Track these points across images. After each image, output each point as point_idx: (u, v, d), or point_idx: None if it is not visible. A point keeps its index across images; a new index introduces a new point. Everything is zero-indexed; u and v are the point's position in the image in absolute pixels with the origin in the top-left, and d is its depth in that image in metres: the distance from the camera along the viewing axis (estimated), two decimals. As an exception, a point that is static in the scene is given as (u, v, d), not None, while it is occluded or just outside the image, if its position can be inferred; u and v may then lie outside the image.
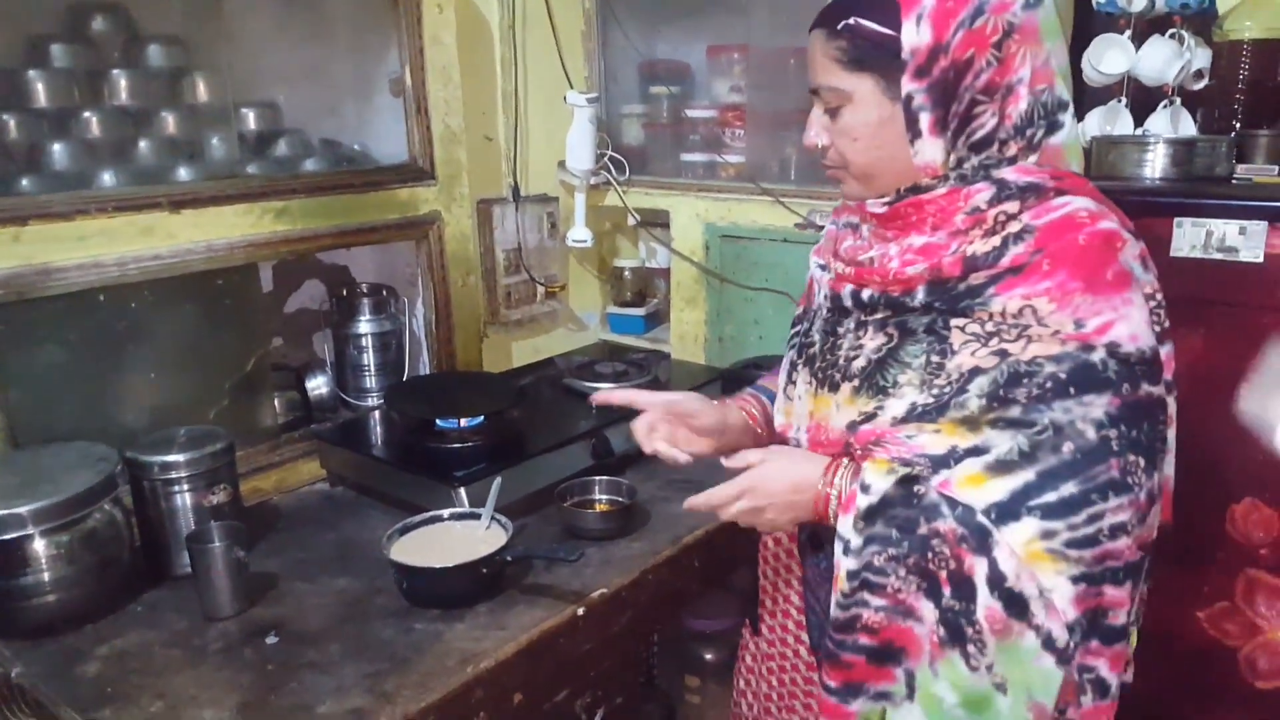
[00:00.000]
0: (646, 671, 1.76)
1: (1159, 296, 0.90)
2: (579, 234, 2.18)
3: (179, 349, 1.53)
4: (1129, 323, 0.84)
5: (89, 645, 1.19)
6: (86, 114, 1.47)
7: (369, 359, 1.83)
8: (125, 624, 1.24)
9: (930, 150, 0.89)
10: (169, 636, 1.21)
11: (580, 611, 1.26)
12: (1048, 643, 0.84)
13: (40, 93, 1.42)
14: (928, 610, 0.87)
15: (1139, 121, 1.61)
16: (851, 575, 0.90)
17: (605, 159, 2.18)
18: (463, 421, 1.59)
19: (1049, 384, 0.84)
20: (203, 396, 1.56)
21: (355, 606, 1.27)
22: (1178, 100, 1.57)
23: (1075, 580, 0.83)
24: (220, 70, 1.61)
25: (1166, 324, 0.90)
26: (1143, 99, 1.61)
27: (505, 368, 2.12)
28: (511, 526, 1.32)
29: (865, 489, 0.89)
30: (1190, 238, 1.28)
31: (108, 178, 1.44)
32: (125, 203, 1.40)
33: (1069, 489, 0.83)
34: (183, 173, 1.53)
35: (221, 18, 1.62)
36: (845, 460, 0.94)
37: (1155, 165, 1.43)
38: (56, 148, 1.43)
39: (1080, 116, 1.63)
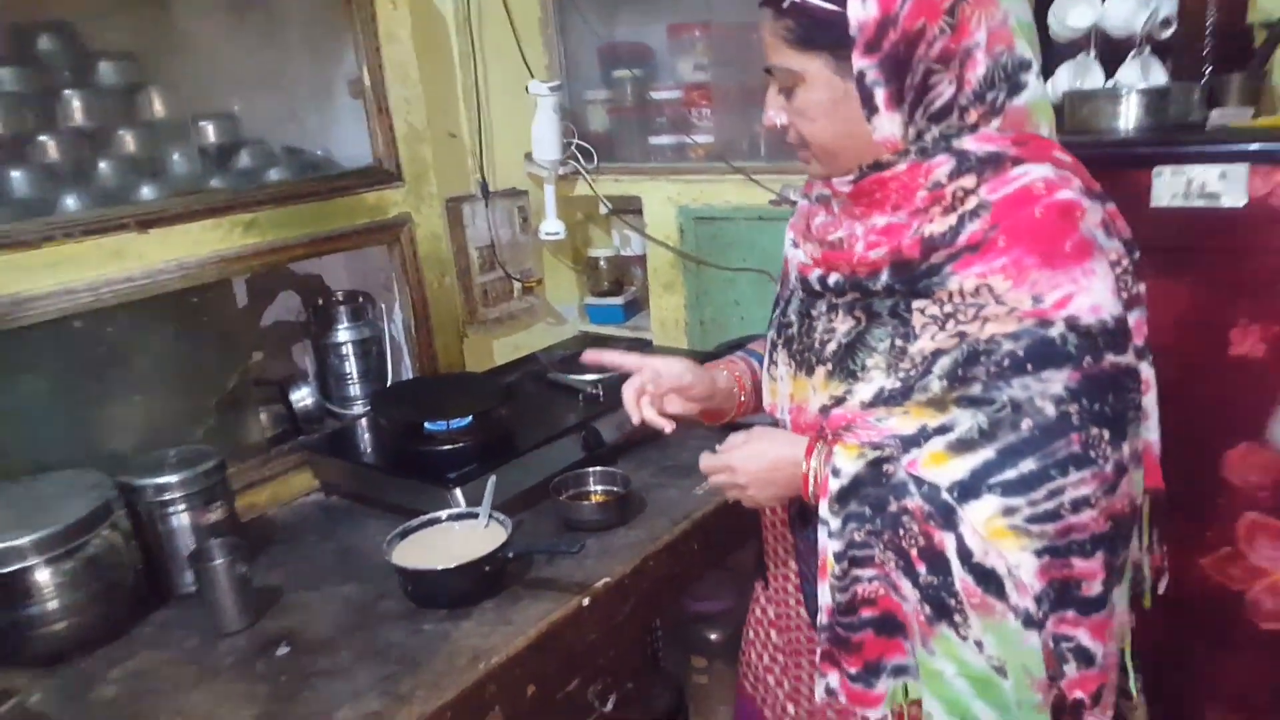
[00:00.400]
0: (653, 656, 1.78)
1: (1125, 262, 0.88)
2: (551, 226, 2.17)
3: (160, 370, 1.51)
4: (1090, 294, 0.83)
5: (102, 669, 1.19)
6: (42, 138, 1.44)
7: (351, 367, 1.82)
8: (136, 646, 1.24)
9: (888, 125, 0.87)
10: (180, 655, 1.21)
11: (585, 602, 1.27)
12: (1027, 620, 0.85)
13: (-8, 120, 1.39)
14: (908, 589, 0.89)
15: (1109, 74, 1.60)
16: (839, 556, 0.91)
17: (572, 148, 2.17)
18: (451, 423, 1.59)
19: (1006, 362, 0.84)
20: (189, 416, 1.55)
21: (362, 612, 1.28)
22: (1147, 49, 1.57)
23: (1039, 554, 0.84)
24: (175, 83, 1.58)
25: (1136, 289, 0.89)
26: (1111, 50, 1.61)
27: (488, 367, 2.11)
28: (510, 523, 1.33)
29: (836, 473, 0.91)
30: (1170, 187, 1.28)
31: (71, 201, 1.42)
32: (92, 226, 1.38)
33: (1028, 465, 0.83)
34: (146, 191, 1.50)
35: (172, 29, 1.60)
36: (821, 443, 0.95)
37: (1129, 116, 1.44)
38: (15, 174, 1.40)
39: (1049, 72, 1.64)
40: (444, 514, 1.37)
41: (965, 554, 0.85)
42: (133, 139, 1.53)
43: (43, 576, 1.16)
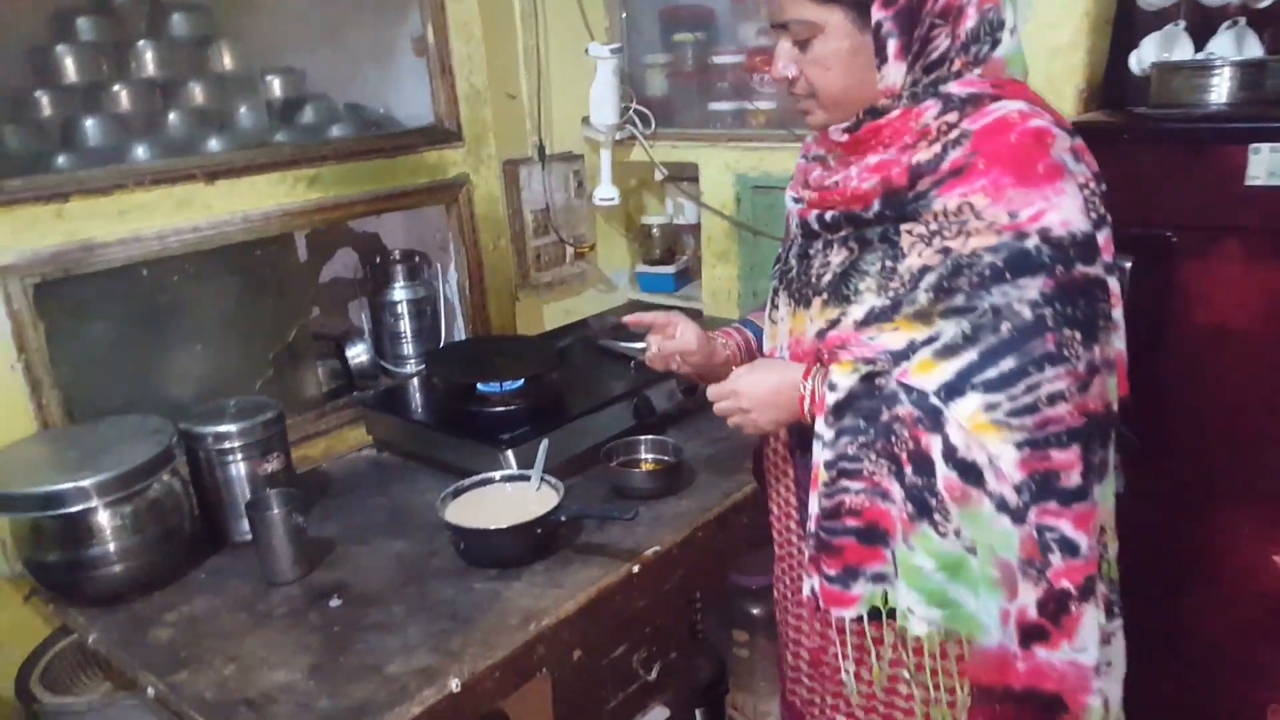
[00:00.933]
0: (694, 627, 1.78)
1: (1093, 185, 0.95)
2: (605, 192, 2.15)
3: (222, 321, 1.54)
4: (1060, 210, 0.90)
5: (158, 612, 1.22)
6: (116, 87, 1.46)
7: (405, 325, 1.83)
8: (191, 590, 1.27)
9: (894, 74, 0.95)
10: (234, 601, 1.23)
11: (635, 570, 1.27)
12: (1001, 505, 0.92)
13: (70, 68, 1.41)
14: (896, 490, 0.95)
15: (1199, 45, 1.54)
16: (829, 465, 0.98)
17: (630, 113, 2.14)
18: (504, 385, 1.60)
19: (987, 272, 0.91)
20: (248, 367, 1.57)
21: (413, 568, 1.29)
22: (1242, 20, 1.50)
23: (1019, 446, 0.91)
24: (244, 37, 1.59)
25: (1104, 212, 0.96)
26: (1201, 21, 1.54)
27: (537, 331, 2.11)
28: (562, 487, 1.33)
29: (832, 388, 0.97)
30: (1269, 164, 1.22)
31: (140, 151, 1.44)
32: (161, 175, 1.40)
33: (1008, 364, 0.91)
34: (213, 143, 1.52)
35: (241, -18, 1.60)
36: (817, 365, 1.02)
37: (1222, 90, 1.37)
38: (89, 123, 1.42)
39: (1134, 43, 1.57)
40: (497, 474, 1.37)
41: (949, 451, 0.92)
42: (201, 91, 1.54)
43: (104, 518, 1.19)
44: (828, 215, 1.02)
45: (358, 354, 1.77)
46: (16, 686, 1.30)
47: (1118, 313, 0.98)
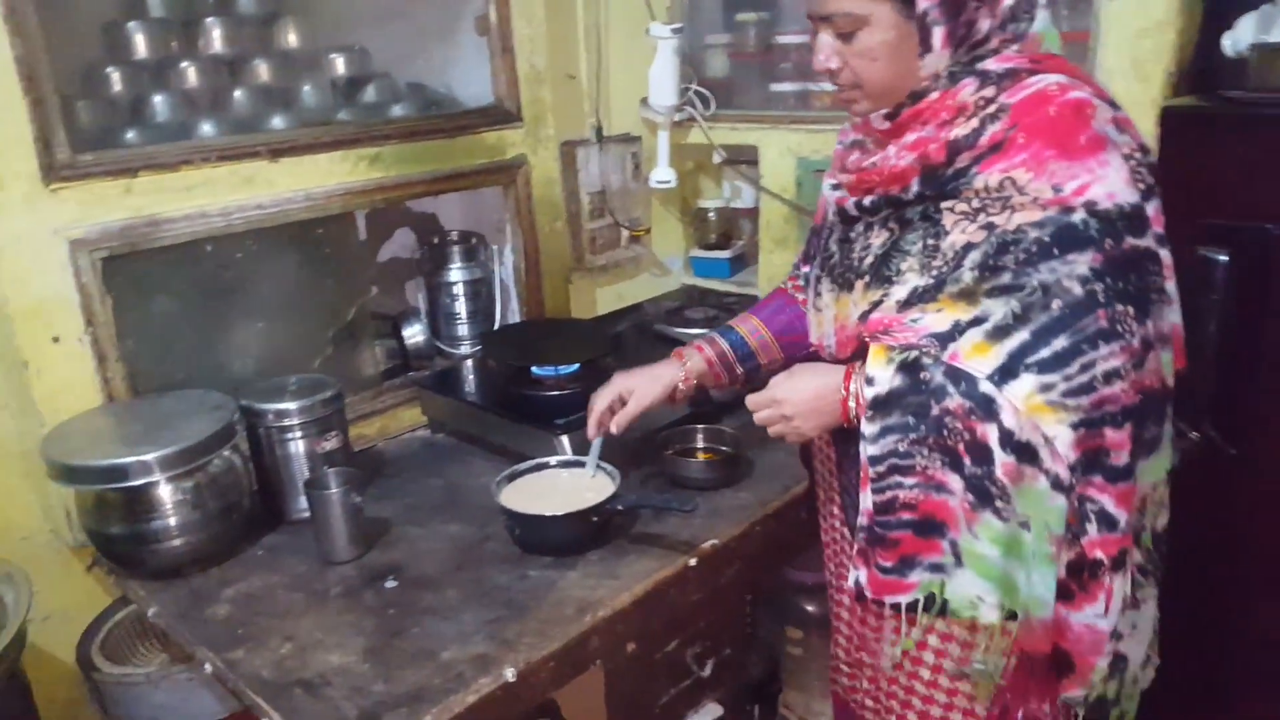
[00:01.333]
0: (748, 623, 1.75)
1: (1139, 156, 0.92)
2: (662, 174, 2.11)
3: (283, 299, 1.54)
4: (1105, 183, 0.89)
5: (216, 588, 1.23)
6: (184, 64, 1.46)
7: (461, 306, 1.82)
8: (248, 567, 1.27)
9: (937, 61, 0.95)
10: (290, 580, 1.24)
11: (692, 562, 1.25)
12: (1056, 483, 0.90)
13: (140, 44, 1.42)
14: (955, 482, 0.93)
15: (1304, 25, 1.45)
16: (877, 460, 0.96)
17: (689, 94, 2.10)
18: (560, 369, 1.58)
19: (1034, 248, 0.89)
20: (307, 345, 1.58)
21: (468, 552, 1.28)
22: (1355, -2, 1.41)
23: (1075, 426, 0.89)
24: (309, 14, 1.59)
25: (1152, 182, 0.92)
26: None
27: (590, 314, 2.09)
28: (618, 475, 1.31)
29: (870, 382, 0.96)
30: None
31: (207, 128, 1.44)
32: (227, 152, 1.40)
33: (1061, 343, 0.89)
34: (277, 121, 1.52)
35: (305, -41, 1.59)
36: (860, 365, 0.99)
37: (1334, 74, 1.29)
38: (158, 99, 1.43)
39: (1228, 23, 1.48)
40: (553, 460, 1.35)
41: (1006, 437, 0.90)
42: (267, 68, 1.54)
43: (166, 492, 1.20)
44: (866, 200, 1.01)
45: (414, 334, 1.77)
46: (78, 654, 1.32)
47: (1171, 285, 0.95)
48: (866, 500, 0.98)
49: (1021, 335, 0.90)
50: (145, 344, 1.38)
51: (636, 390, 1.25)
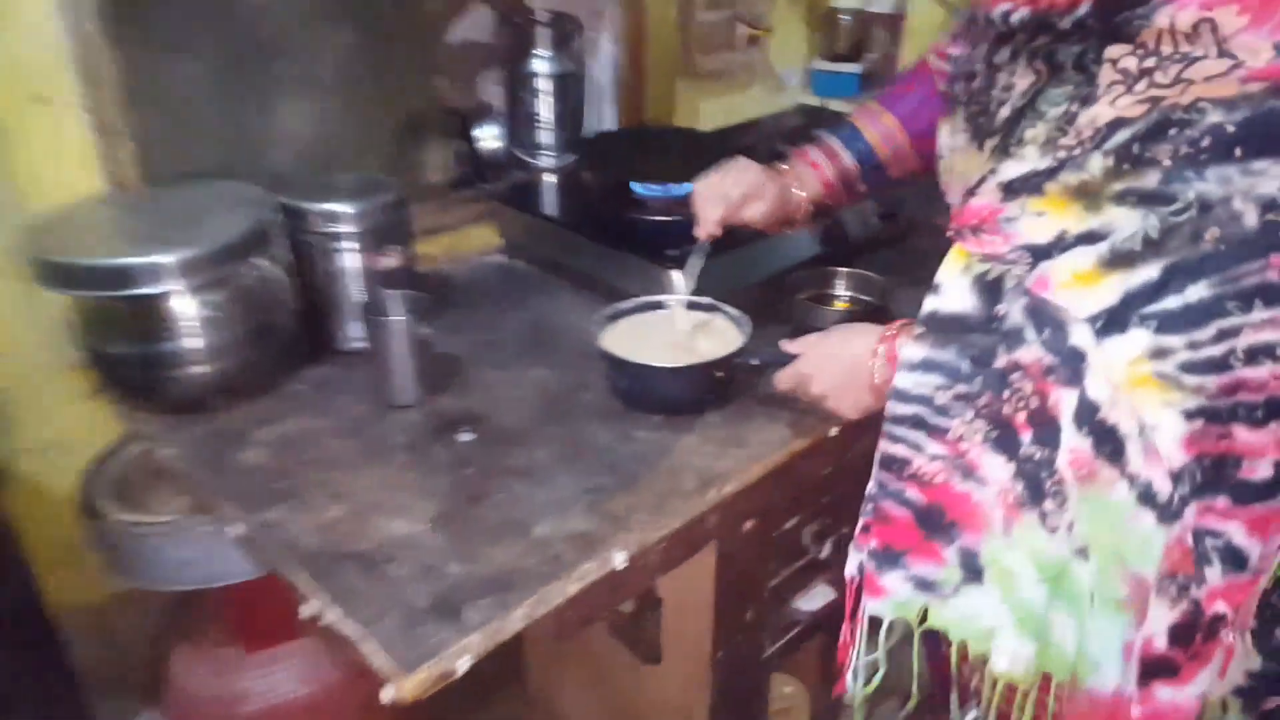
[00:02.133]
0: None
1: None
2: (793, -39, 1.73)
3: (334, 78, 1.26)
4: None
5: (247, 428, 1.00)
6: None
7: (544, 106, 1.50)
8: (288, 406, 1.04)
9: None
10: (341, 425, 1.00)
11: (833, 432, 1.02)
12: (1145, 496, 0.67)
13: None
14: (995, 468, 0.72)
15: None
16: (902, 396, 0.75)
17: None
18: (669, 188, 1.28)
19: (1207, 140, 0.63)
20: (364, 137, 1.31)
21: (558, 403, 1.04)
22: None
23: (1190, 416, 0.65)
24: None
25: None
26: None
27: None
28: (748, 323, 1.04)
29: (935, 290, 0.76)
30: None
31: None
32: None
33: (1199, 292, 0.64)
34: None
35: None
36: (906, 324, 0.80)
37: None
38: None
39: None
40: (670, 299, 1.08)
41: (1086, 412, 0.68)
42: None
43: (186, 306, 0.96)
44: (1016, 16, 0.75)
45: (488, 136, 1.46)
46: (81, 495, 1.11)
47: None
48: (879, 453, 0.78)
49: (1148, 270, 0.65)
50: (162, 118, 1.12)
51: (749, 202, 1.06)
